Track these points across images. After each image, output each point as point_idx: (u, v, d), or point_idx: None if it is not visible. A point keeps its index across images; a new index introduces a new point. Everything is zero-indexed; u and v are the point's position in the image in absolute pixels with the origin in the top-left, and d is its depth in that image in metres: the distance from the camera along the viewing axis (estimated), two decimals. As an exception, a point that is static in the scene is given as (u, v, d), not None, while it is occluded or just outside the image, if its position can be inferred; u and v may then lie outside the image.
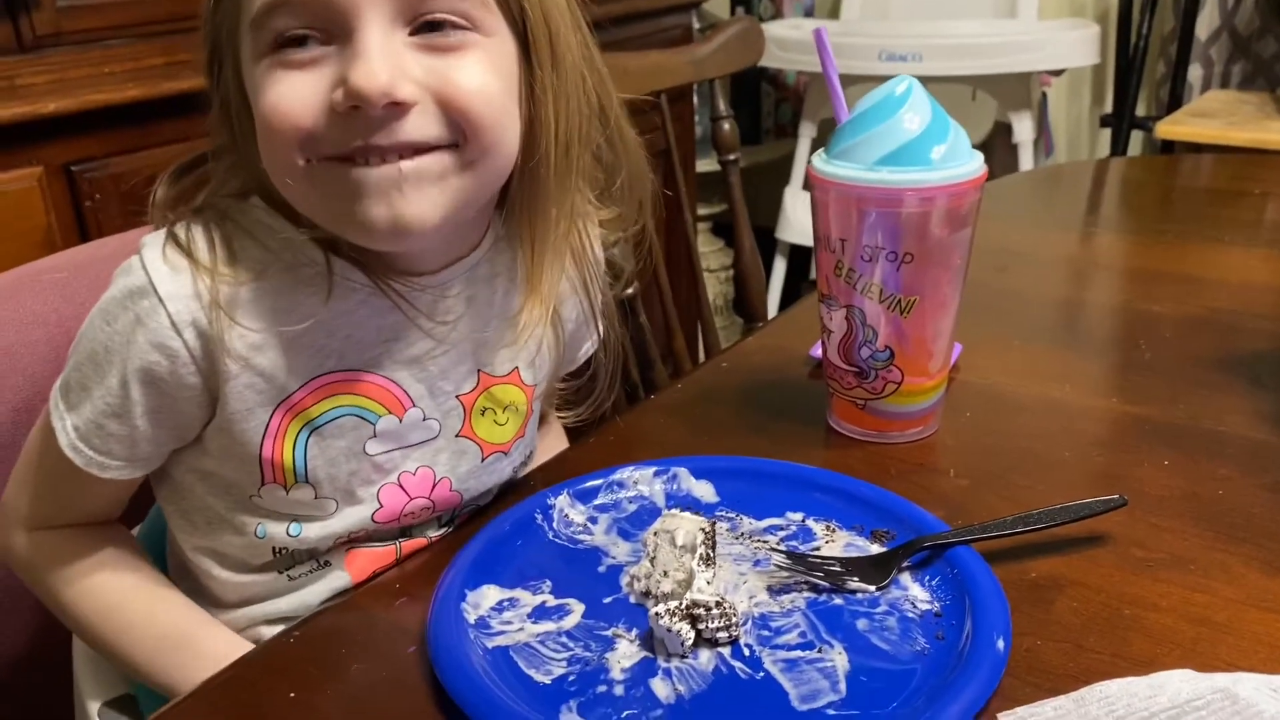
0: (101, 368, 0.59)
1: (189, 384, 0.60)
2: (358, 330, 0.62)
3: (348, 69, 0.53)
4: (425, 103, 0.55)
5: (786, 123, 2.83)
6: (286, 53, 0.55)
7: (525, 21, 0.59)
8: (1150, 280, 1.06)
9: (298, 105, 0.54)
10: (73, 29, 1.20)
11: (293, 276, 0.61)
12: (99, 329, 0.60)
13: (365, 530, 0.66)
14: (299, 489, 0.63)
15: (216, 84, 0.61)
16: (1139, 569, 0.59)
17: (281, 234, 0.61)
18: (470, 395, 0.67)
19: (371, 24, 0.54)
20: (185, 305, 0.58)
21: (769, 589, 0.58)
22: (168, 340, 0.58)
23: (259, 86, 0.55)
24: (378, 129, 0.54)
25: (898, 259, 0.69)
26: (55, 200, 1.15)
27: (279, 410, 0.61)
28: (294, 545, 0.65)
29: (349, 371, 0.62)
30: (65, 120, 1.13)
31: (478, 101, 0.56)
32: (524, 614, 0.57)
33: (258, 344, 0.60)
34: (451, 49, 0.56)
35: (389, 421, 0.64)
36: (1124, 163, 1.69)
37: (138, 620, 0.64)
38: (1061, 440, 0.74)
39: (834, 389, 0.76)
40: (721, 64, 1.37)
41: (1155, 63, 2.45)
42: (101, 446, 0.61)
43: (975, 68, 2.12)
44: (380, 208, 0.56)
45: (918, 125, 0.68)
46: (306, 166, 0.56)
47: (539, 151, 0.61)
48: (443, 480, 0.67)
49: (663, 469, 0.69)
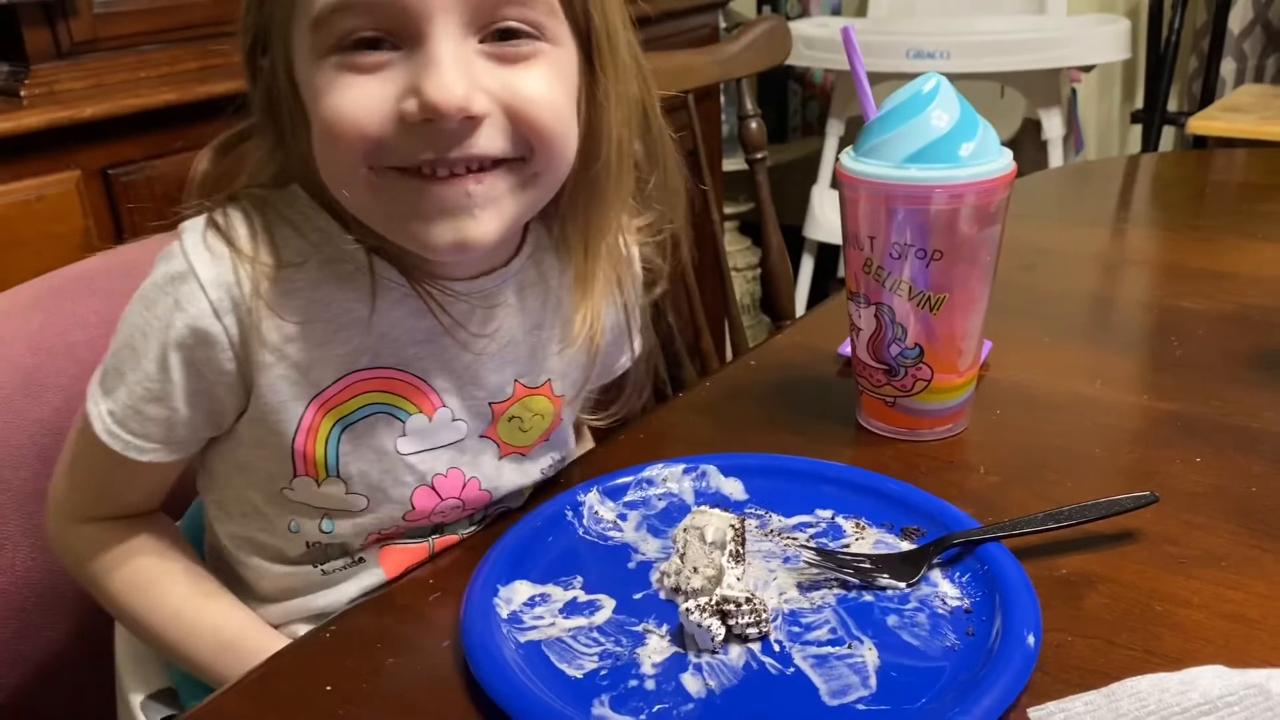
0: (138, 352, 0.60)
1: (225, 370, 0.60)
2: (393, 329, 0.62)
3: (421, 79, 0.52)
4: (495, 115, 0.54)
5: (813, 121, 2.82)
6: (353, 55, 0.53)
7: (590, 30, 0.58)
8: (1182, 276, 1.05)
9: (364, 113, 0.53)
10: (109, 35, 1.22)
11: (331, 271, 0.60)
12: (138, 314, 0.60)
13: (397, 527, 0.66)
14: (330, 483, 0.63)
15: (256, 70, 0.60)
16: (1171, 565, 0.59)
17: (323, 228, 0.61)
18: (503, 404, 0.67)
19: (444, 31, 0.52)
20: (225, 292, 0.58)
21: (799, 585, 0.59)
22: (207, 325, 0.58)
23: (321, 88, 0.54)
24: (448, 142, 0.53)
25: (927, 256, 0.69)
26: (93, 203, 1.17)
27: (312, 405, 0.61)
28: (326, 540, 0.65)
29: (382, 369, 0.63)
30: (102, 125, 1.15)
31: (547, 115, 0.56)
32: (555, 609, 0.58)
33: (293, 335, 0.60)
34: (521, 58, 0.55)
35: (419, 420, 0.64)
36: (1155, 158, 1.68)
37: (183, 612, 0.65)
38: (1092, 437, 0.74)
39: (863, 386, 0.76)
40: (749, 63, 1.37)
41: (1187, 57, 2.43)
42: (139, 430, 0.61)
43: (1004, 64, 2.11)
44: (445, 230, 0.55)
45: (946, 122, 0.68)
46: (369, 175, 0.55)
47: (599, 158, 0.61)
48: (472, 480, 0.67)
49: (692, 466, 0.70)
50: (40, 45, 1.16)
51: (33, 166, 1.12)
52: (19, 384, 0.74)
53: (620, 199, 0.64)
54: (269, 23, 0.58)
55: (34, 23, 1.15)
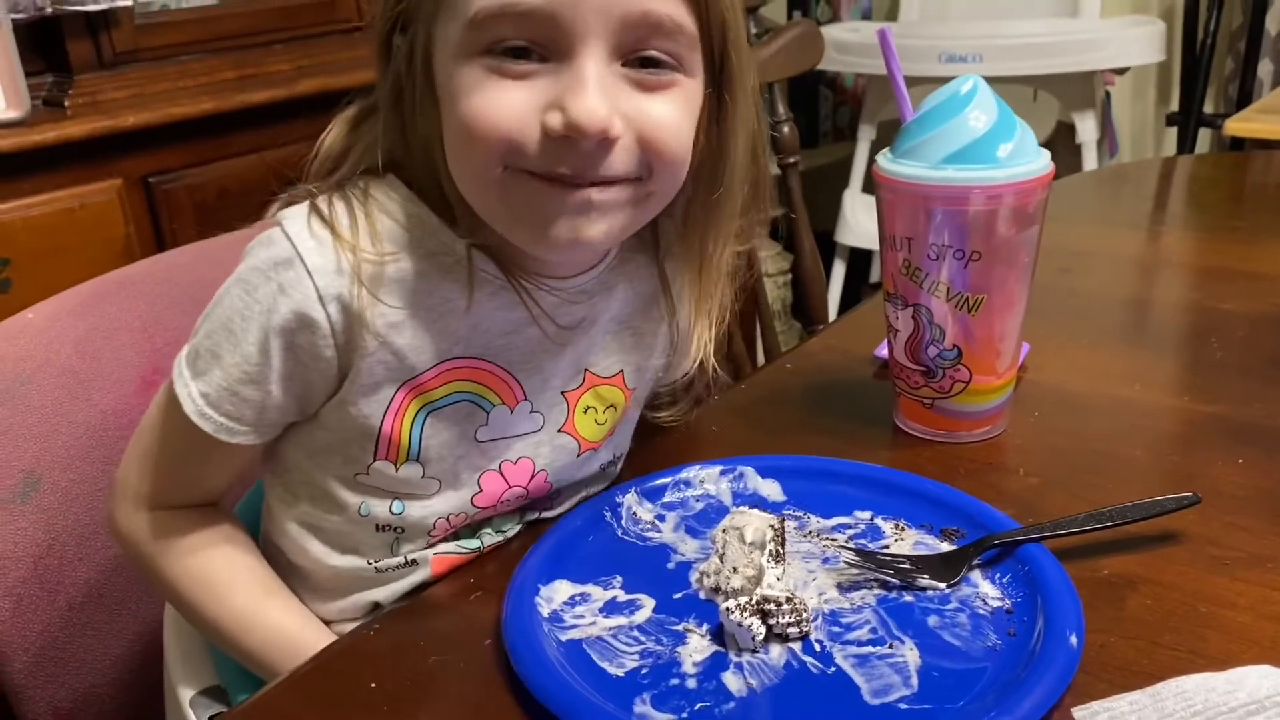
0: (237, 335, 0.60)
1: (324, 356, 0.61)
2: (486, 320, 0.64)
3: (567, 96, 0.54)
4: (626, 138, 0.57)
5: (845, 126, 2.82)
6: (503, 61, 0.55)
7: (724, 63, 0.61)
8: (1221, 278, 1.04)
9: (507, 118, 0.55)
10: (150, 45, 1.24)
11: (432, 262, 0.62)
12: (237, 297, 0.60)
13: (464, 515, 0.67)
14: (408, 466, 0.64)
15: (390, 48, 0.61)
16: (1214, 567, 0.59)
17: (423, 221, 0.62)
18: (575, 393, 0.68)
19: (593, 51, 0.55)
20: (331, 280, 0.59)
21: (838, 586, 0.59)
22: (312, 311, 0.59)
23: (466, 87, 0.56)
24: (583, 160, 0.56)
25: (965, 257, 0.69)
26: (134, 211, 1.19)
27: (403, 389, 0.62)
28: (396, 522, 0.66)
29: (473, 359, 0.64)
30: (143, 134, 1.17)
31: (673, 143, 0.58)
32: (596, 608, 0.58)
33: (396, 322, 0.61)
34: (659, 87, 0.57)
35: (501, 411, 0.65)
36: (1192, 160, 1.67)
37: (246, 608, 0.66)
38: (1132, 439, 0.73)
39: (900, 388, 0.76)
40: (781, 67, 1.38)
41: (1223, 59, 2.41)
42: (233, 412, 0.62)
43: (1037, 68, 2.10)
44: (565, 228, 0.58)
45: (984, 123, 0.68)
46: (502, 175, 0.57)
47: (722, 183, 0.64)
48: (540, 472, 0.68)
49: (729, 468, 0.70)
50: (83, 56, 1.18)
51: (76, 175, 1.14)
52: (66, 387, 0.76)
53: (734, 222, 0.67)
54: (414, 9, 0.59)
55: (77, 34, 1.17)
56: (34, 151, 1.08)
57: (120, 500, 0.68)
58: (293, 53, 1.34)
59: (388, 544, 0.67)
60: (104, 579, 0.77)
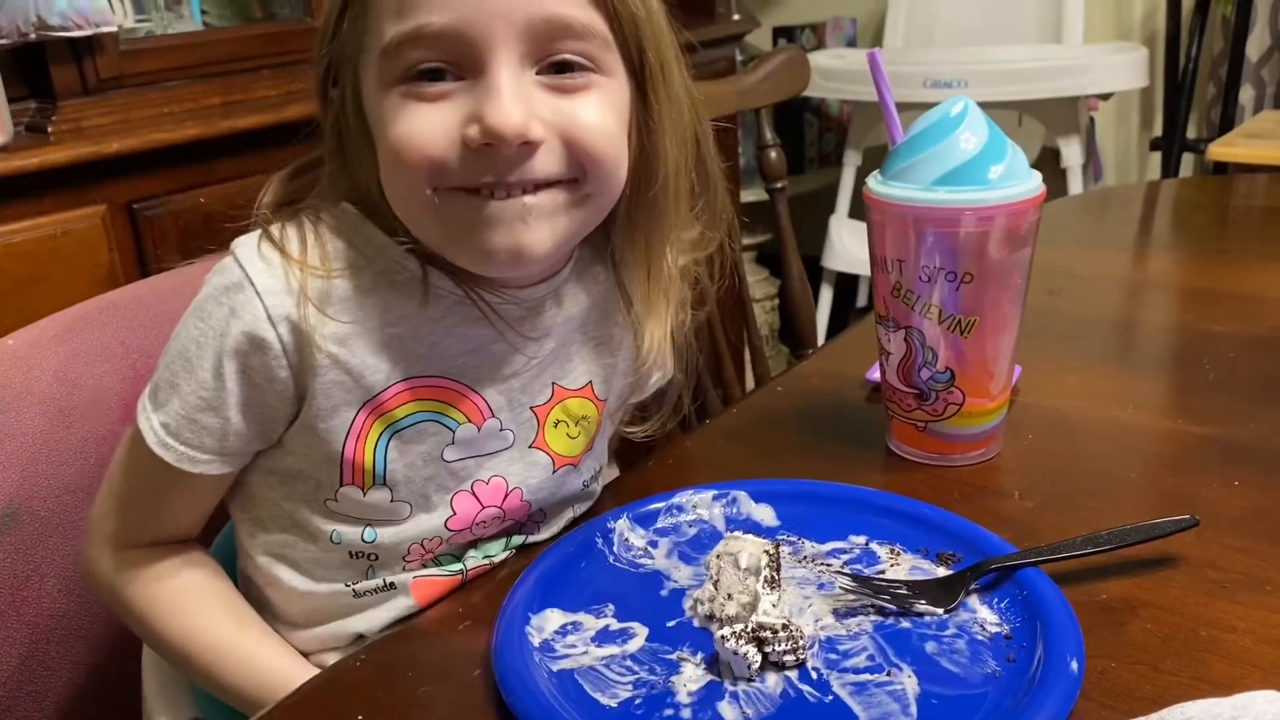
0: (192, 363, 0.61)
1: (279, 378, 0.60)
2: (445, 338, 0.63)
3: (483, 107, 0.55)
4: (551, 141, 0.57)
5: (830, 152, 2.83)
6: (419, 85, 0.56)
7: (643, 61, 0.61)
8: (1210, 300, 1.04)
9: (429, 138, 0.56)
10: (134, 71, 1.23)
11: (384, 279, 0.62)
12: (192, 326, 0.61)
13: (438, 539, 0.66)
14: (376, 491, 0.64)
15: (327, 99, 0.63)
16: (1214, 590, 0.58)
17: (375, 241, 0.62)
18: (544, 407, 0.68)
19: (504, 62, 0.55)
20: (280, 300, 0.59)
21: (834, 612, 0.58)
22: (262, 331, 0.59)
23: (388, 116, 0.57)
24: (507, 165, 0.56)
25: (957, 279, 0.68)
26: (118, 237, 1.18)
27: (363, 410, 0.62)
28: (369, 549, 0.65)
29: (434, 378, 0.64)
30: (127, 160, 1.16)
31: (599, 141, 0.58)
32: (588, 637, 0.57)
33: (346, 338, 0.61)
34: (576, 89, 0.58)
35: (468, 430, 0.65)
36: (1176, 184, 1.67)
37: (221, 640, 0.65)
38: (1127, 461, 0.73)
39: (893, 411, 0.75)
40: (768, 93, 1.38)
41: (1205, 84, 2.43)
42: (193, 440, 0.62)
43: (1021, 93, 2.11)
44: (503, 237, 0.58)
45: (975, 145, 0.67)
46: (433, 196, 0.58)
47: (657, 182, 0.64)
48: (514, 491, 0.67)
49: (722, 492, 0.69)
50: (68, 82, 1.17)
51: (59, 201, 1.13)
52: (47, 415, 0.74)
53: (677, 220, 0.67)
54: (341, 54, 0.61)
55: (62, 60, 1.16)
56: (16, 178, 1.07)
57: (92, 543, 0.67)
58: (279, 78, 1.34)
59: (362, 570, 0.66)
60: (83, 611, 0.76)
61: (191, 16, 1.46)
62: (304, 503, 0.65)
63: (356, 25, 0.59)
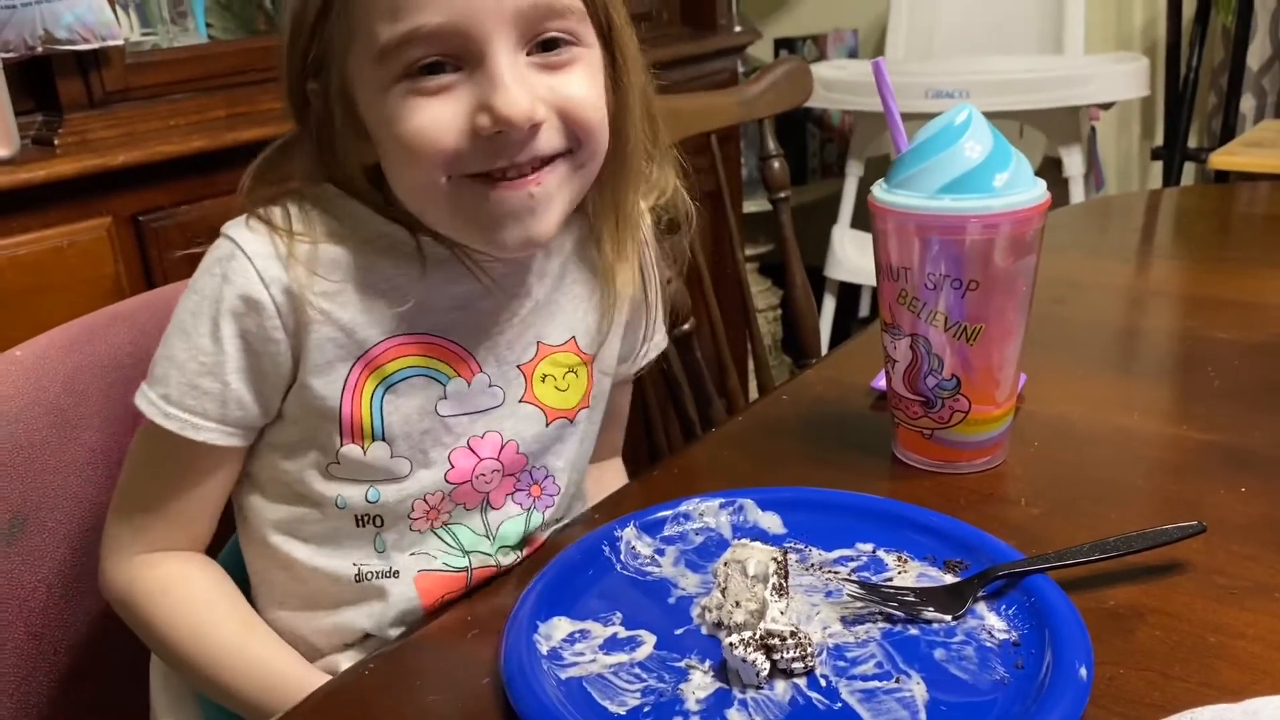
0: (189, 332, 0.63)
1: (274, 339, 0.63)
2: (431, 295, 0.66)
3: (490, 97, 0.58)
4: (550, 118, 0.61)
5: (832, 162, 2.83)
6: (420, 80, 0.59)
7: (611, 28, 0.65)
8: (1213, 307, 1.04)
9: (441, 131, 0.59)
10: (141, 84, 1.23)
11: (370, 246, 0.65)
12: (187, 301, 0.64)
13: (440, 492, 0.68)
14: (375, 447, 0.66)
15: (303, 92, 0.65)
16: (1222, 596, 0.58)
17: (357, 215, 0.65)
18: (530, 364, 0.71)
19: (500, 49, 0.58)
20: (270, 263, 0.62)
21: (843, 620, 0.58)
22: (256, 292, 0.62)
23: (394, 114, 0.59)
24: (517, 148, 0.60)
25: (962, 287, 0.68)
26: (124, 249, 1.18)
27: (357, 365, 0.65)
28: (374, 511, 0.67)
29: (423, 334, 0.66)
30: (133, 172, 1.17)
31: (591, 113, 0.63)
32: (595, 645, 0.57)
33: (335, 294, 0.63)
34: (564, 65, 0.62)
35: (458, 384, 0.67)
36: (1178, 192, 1.68)
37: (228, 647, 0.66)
38: (1133, 468, 0.73)
39: (899, 419, 0.75)
40: (771, 103, 1.38)
41: (1206, 94, 2.44)
42: (195, 407, 0.63)
43: (1022, 103, 2.12)
44: (515, 231, 0.62)
45: (979, 153, 0.68)
46: (448, 184, 0.61)
47: (628, 137, 0.67)
48: (509, 443, 0.70)
49: (729, 500, 0.69)
50: (74, 95, 1.18)
51: (65, 213, 1.13)
52: (54, 425, 0.74)
53: (641, 172, 0.71)
54: (324, 50, 0.62)
55: (68, 73, 1.17)
56: (23, 190, 1.07)
57: (105, 556, 0.69)
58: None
59: (370, 539, 0.67)
60: (91, 622, 0.76)
61: (197, 29, 1.46)
62: (307, 471, 0.66)
63: (340, 24, 0.61)
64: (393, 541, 0.68)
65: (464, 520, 0.69)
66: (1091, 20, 2.41)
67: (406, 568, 0.67)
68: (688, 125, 1.27)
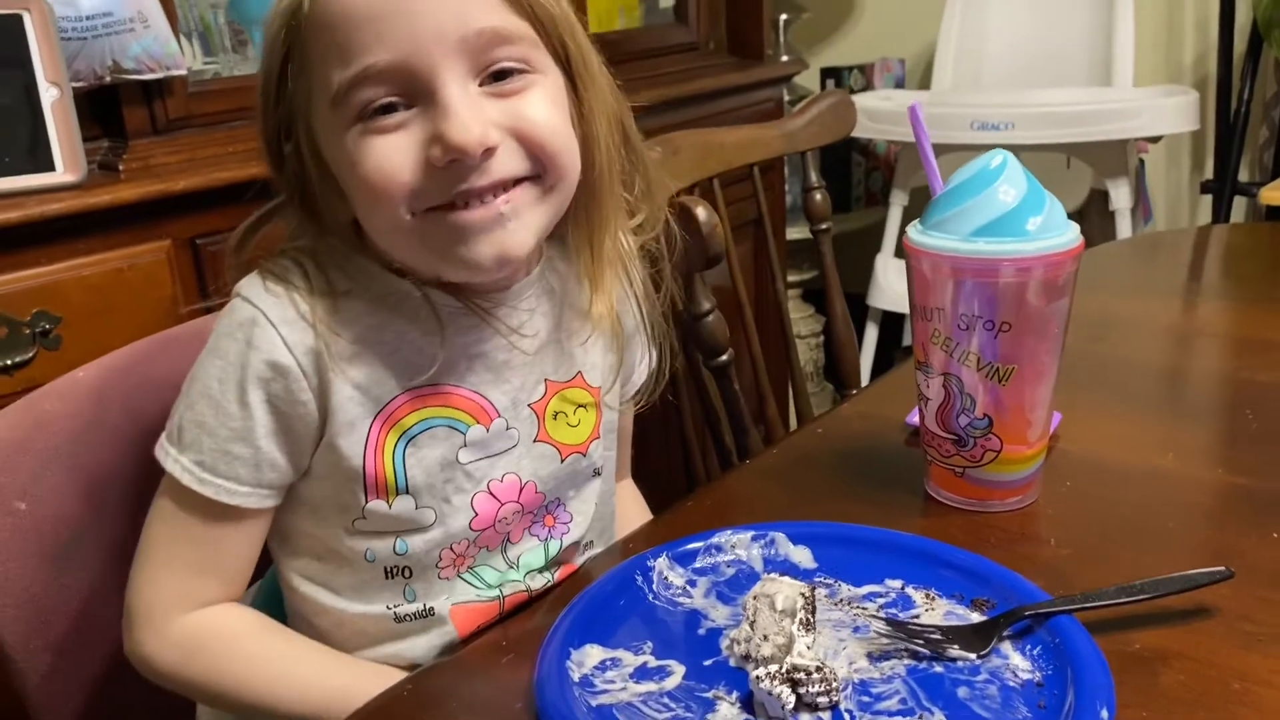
0: (217, 399, 0.64)
1: (302, 400, 0.64)
2: (444, 347, 0.67)
3: (441, 126, 0.59)
4: (507, 142, 0.62)
5: (877, 191, 2.84)
6: (375, 121, 0.60)
7: (568, 53, 0.66)
8: (1257, 349, 1.04)
9: (397, 167, 0.60)
10: (202, 112, 1.28)
11: (381, 301, 0.66)
12: (211, 366, 0.64)
13: (466, 540, 0.69)
14: (400, 500, 0.67)
15: (280, 155, 0.67)
16: (1249, 643, 0.58)
17: (366, 269, 0.67)
18: (541, 403, 0.72)
19: (449, 81, 0.60)
20: (294, 327, 0.64)
21: (869, 655, 0.59)
22: (282, 359, 0.63)
23: (353, 156, 0.61)
24: (474, 174, 0.61)
25: (995, 328, 0.69)
26: (181, 271, 1.22)
27: (377, 421, 0.66)
28: (402, 563, 0.68)
29: (439, 385, 0.67)
30: (192, 196, 1.21)
31: (550, 133, 0.63)
32: (626, 674, 0.59)
33: (353, 355, 0.65)
34: (517, 92, 0.62)
35: (477, 431, 0.69)
36: (1227, 229, 1.67)
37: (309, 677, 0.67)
38: (1165, 511, 0.73)
39: (932, 456, 0.76)
40: (814, 136, 1.40)
41: (1258, 127, 2.41)
42: (228, 472, 0.64)
43: (1069, 136, 2.11)
44: (486, 246, 0.62)
45: (1013, 198, 0.69)
46: (412, 221, 0.62)
47: (595, 166, 0.68)
48: (528, 484, 0.71)
49: (760, 533, 0.70)
50: (138, 122, 1.22)
51: (127, 236, 1.17)
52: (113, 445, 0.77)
53: (615, 199, 0.71)
54: (290, 111, 0.64)
55: (133, 101, 1.21)
56: (88, 214, 1.12)
57: (135, 627, 0.67)
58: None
59: (400, 589, 0.68)
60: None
61: (256, 58, 1.51)
62: (335, 528, 0.68)
63: (300, 81, 0.63)
64: (422, 590, 0.69)
65: (487, 561, 0.71)
66: (1141, 53, 2.40)
67: (440, 605, 0.69)
68: (730, 159, 1.29)
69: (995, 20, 2.52)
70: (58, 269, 1.11)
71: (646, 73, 1.81)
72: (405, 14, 0.59)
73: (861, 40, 2.90)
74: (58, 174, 1.12)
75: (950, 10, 2.53)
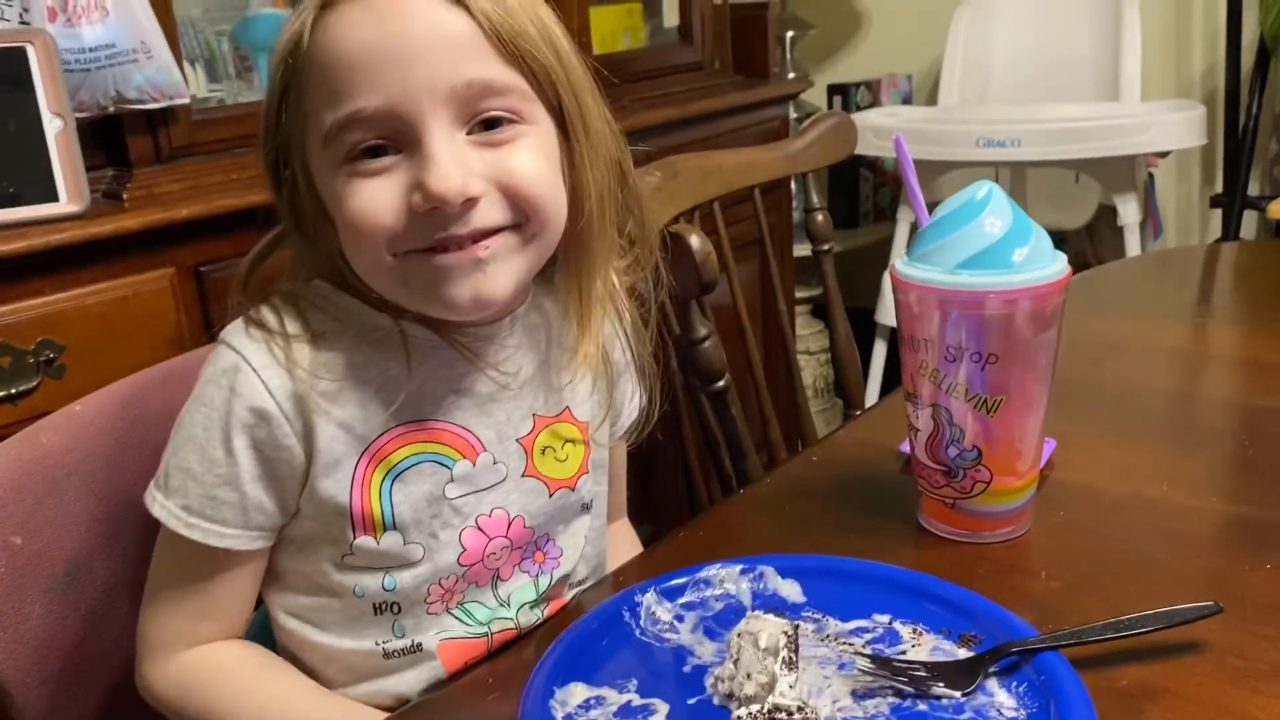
0: (201, 445, 0.65)
1: (285, 445, 0.65)
2: (427, 382, 0.68)
3: (423, 174, 0.60)
4: (490, 193, 0.62)
5: (885, 206, 2.84)
6: (362, 163, 0.61)
7: (561, 105, 0.66)
8: (1258, 373, 1.03)
9: (379, 211, 0.61)
10: (205, 140, 1.29)
11: (364, 339, 0.67)
12: (196, 413, 0.66)
13: (454, 575, 0.69)
14: (388, 536, 0.67)
15: (280, 180, 0.68)
16: (1237, 679, 0.58)
17: (349, 308, 0.67)
18: (529, 438, 0.72)
19: (436, 130, 0.60)
20: (274, 373, 0.64)
21: (853, 693, 0.59)
22: (265, 404, 0.64)
23: (340, 196, 0.62)
24: (454, 222, 0.61)
25: (982, 359, 0.69)
26: (184, 299, 1.23)
27: (362, 459, 0.66)
28: (390, 598, 0.69)
29: (424, 421, 0.68)
30: (196, 224, 1.22)
31: (534, 185, 0.63)
32: (610, 712, 0.59)
33: (335, 395, 0.65)
34: (505, 142, 0.63)
35: (464, 466, 0.69)
36: (1236, 247, 1.65)
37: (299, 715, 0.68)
38: (1157, 541, 0.73)
39: (923, 487, 0.76)
40: (815, 158, 1.40)
41: (1267, 141, 2.40)
42: (215, 515, 0.65)
43: (1076, 152, 2.11)
44: (464, 288, 0.63)
45: (999, 229, 0.69)
46: (394, 261, 0.63)
47: (585, 214, 0.68)
48: (516, 519, 0.72)
49: (749, 567, 0.70)
50: (142, 151, 1.23)
51: (131, 265, 1.18)
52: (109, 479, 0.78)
53: (605, 246, 0.71)
54: (287, 141, 0.65)
55: (137, 130, 1.22)
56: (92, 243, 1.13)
57: (144, 658, 0.70)
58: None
59: (388, 625, 0.69)
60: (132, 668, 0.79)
61: (260, 85, 1.52)
62: (323, 564, 0.68)
63: (296, 113, 0.64)
64: (411, 626, 0.69)
65: (477, 597, 0.71)
66: (1148, 67, 2.40)
67: (429, 641, 0.69)
68: (730, 181, 1.29)
69: (1002, 35, 2.52)
70: (62, 298, 1.12)
71: (652, 93, 1.81)
72: (398, 62, 0.59)
73: (868, 56, 2.90)
74: (61, 204, 1.13)
75: (956, 26, 2.53)
